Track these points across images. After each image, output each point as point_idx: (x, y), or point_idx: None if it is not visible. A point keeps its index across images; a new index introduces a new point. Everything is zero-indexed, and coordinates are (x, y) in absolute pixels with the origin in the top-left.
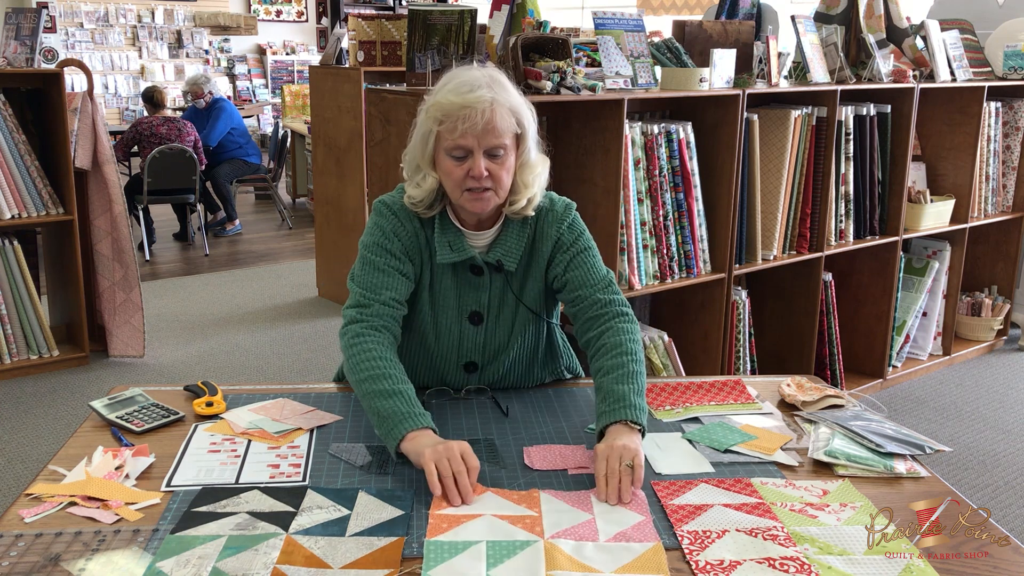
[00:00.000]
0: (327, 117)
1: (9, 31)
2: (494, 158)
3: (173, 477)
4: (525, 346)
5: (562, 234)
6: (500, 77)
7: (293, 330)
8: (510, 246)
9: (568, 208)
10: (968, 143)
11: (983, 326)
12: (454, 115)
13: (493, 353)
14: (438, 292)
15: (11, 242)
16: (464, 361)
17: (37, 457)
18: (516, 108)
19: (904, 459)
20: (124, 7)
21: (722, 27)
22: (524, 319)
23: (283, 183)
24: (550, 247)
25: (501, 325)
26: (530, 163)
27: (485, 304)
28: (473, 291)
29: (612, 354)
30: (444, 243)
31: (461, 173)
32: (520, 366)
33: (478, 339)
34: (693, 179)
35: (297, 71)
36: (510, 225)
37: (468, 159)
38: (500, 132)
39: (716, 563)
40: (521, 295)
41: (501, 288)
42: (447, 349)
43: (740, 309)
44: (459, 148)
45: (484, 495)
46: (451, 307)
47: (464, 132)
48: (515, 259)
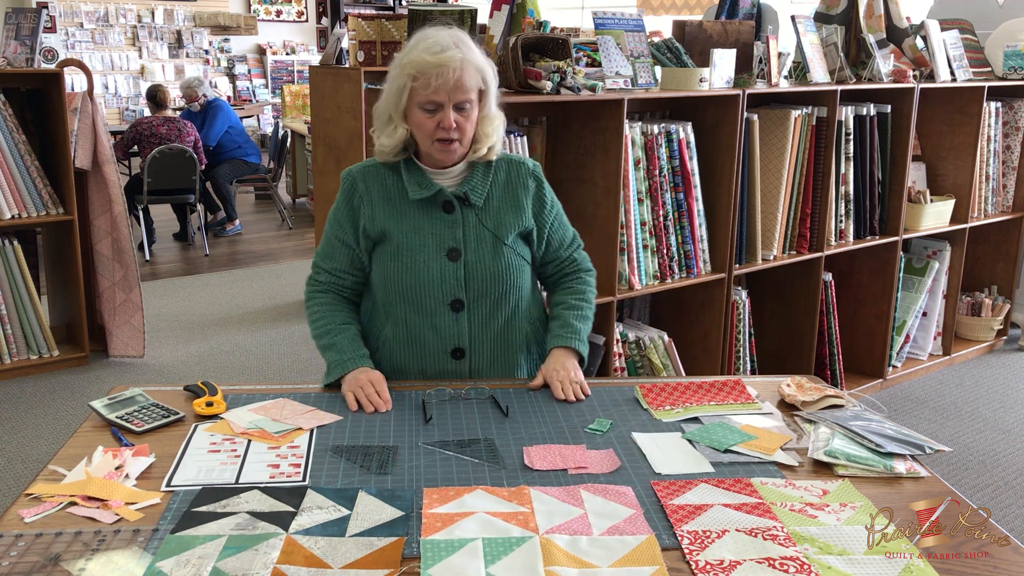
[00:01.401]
0: (327, 117)
1: (9, 31)
2: (461, 111)
3: (173, 477)
4: (508, 299)
5: (543, 190)
6: (466, 38)
7: (293, 330)
8: (475, 183)
9: (537, 165)
10: (968, 143)
11: (983, 326)
12: (428, 72)
13: (476, 294)
14: (411, 230)
15: (11, 242)
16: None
17: (37, 457)
18: (481, 67)
19: (904, 459)
20: (124, 7)
21: (722, 27)
22: (503, 258)
23: (283, 183)
24: (529, 198)
25: (481, 261)
26: (490, 115)
27: (461, 239)
28: (448, 228)
29: (576, 297)
30: (413, 182)
31: (432, 125)
32: (507, 336)
33: (459, 273)
34: (693, 179)
35: (297, 71)
36: (475, 167)
37: (439, 112)
38: (468, 88)
39: (716, 563)
40: (496, 231)
41: (475, 225)
42: (430, 286)
43: (740, 309)
44: (431, 103)
45: (474, 492)
46: (428, 244)
47: (437, 88)
48: (481, 194)
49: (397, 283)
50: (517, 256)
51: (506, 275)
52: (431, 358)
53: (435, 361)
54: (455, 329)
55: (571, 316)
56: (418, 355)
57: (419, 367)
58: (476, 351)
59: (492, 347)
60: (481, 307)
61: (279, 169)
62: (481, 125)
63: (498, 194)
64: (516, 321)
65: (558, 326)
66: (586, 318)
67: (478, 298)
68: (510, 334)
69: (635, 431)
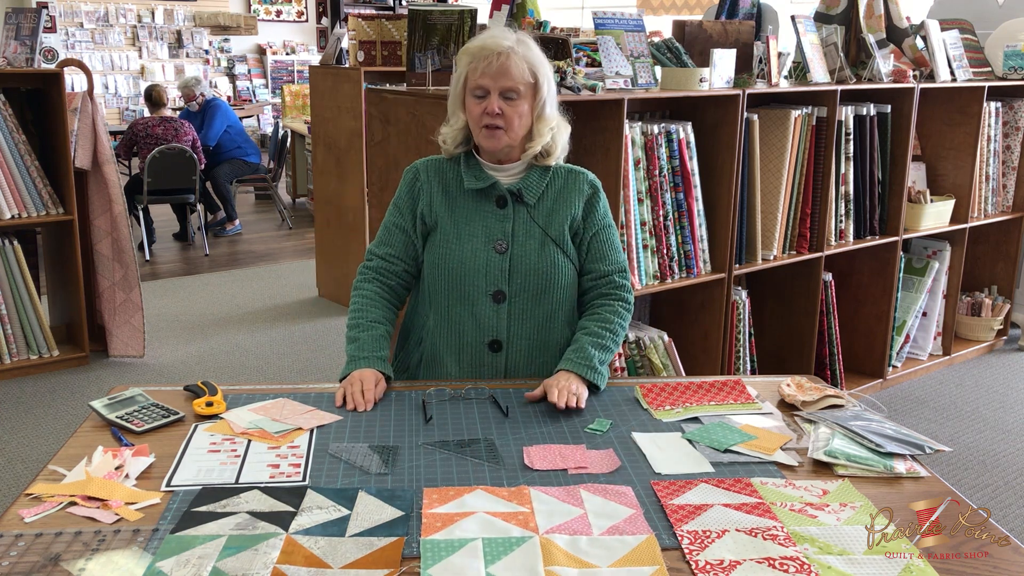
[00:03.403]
0: (327, 117)
1: (9, 31)
2: (508, 100)
3: (173, 477)
4: (550, 296)
5: (597, 197)
6: (528, 39)
7: (293, 330)
8: (531, 182)
9: (596, 179)
10: (968, 143)
11: (983, 326)
12: (477, 56)
13: (519, 287)
14: (463, 221)
15: (11, 242)
16: (492, 290)
17: (37, 457)
18: (534, 63)
19: (904, 459)
20: (124, 7)
21: (722, 27)
22: (549, 255)
23: (283, 183)
24: (583, 201)
25: (527, 255)
26: (545, 116)
27: (509, 233)
28: (498, 222)
29: (601, 324)
30: (470, 174)
31: (479, 110)
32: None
33: (504, 265)
34: (693, 179)
35: (297, 71)
36: (533, 168)
37: (486, 99)
38: (513, 77)
39: (716, 563)
40: (545, 228)
41: (526, 221)
42: (474, 275)
43: (740, 309)
44: (479, 88)
45: (474, 492)
46: (477, 235)
47: (483, 72)
48: (535, 194)
49: (443, 269)
50: (563, 256)
51: (550, 271)
52: (469, 349)
53: (473, 352)
54: (495, 320)
55: (588, 342)
56: (456, 345)
57: (456, 357)
58: (513, 345)
59: (530, 343)
60: (522, 300)
61: (279, 169)
62: (535, 123)
63: (552, 196)
64: (556, 322)
65: (573, 351)
66: (606, 348)
67: (520, 291)
68: (549, 333)
69: (635, 431)
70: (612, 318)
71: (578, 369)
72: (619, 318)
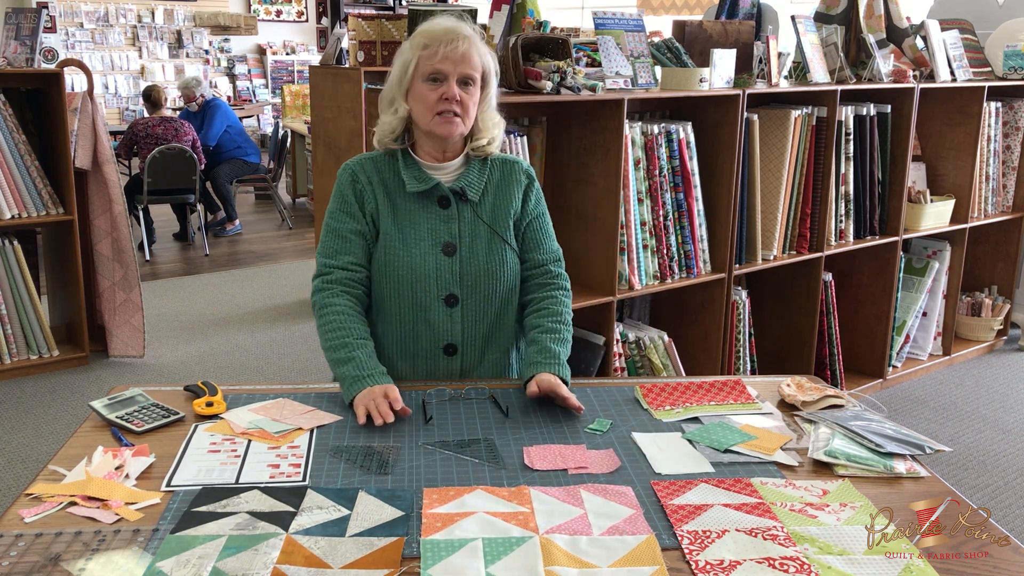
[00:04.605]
0: (327, 117)
1: (9, 31)
2: (465, 86)
3: (173, 477)
4: (501, 295)
5: (532, 187)
6: (476, 30)
7: (293, 330)
8: (472, 179)
9: (531, 168)
10: (968, 143)
11: (983, 326)
12: (438, 39)
13: (470, 289)
14: (407, 224)
15: (11, 242)
16: (444, 294)
17: (37, 457)
18: (485, 56)
19: (904, 459)
20: (124, 7)
21: (722, 27)
22: (498, 254)
23: (283, 183)
24: (520, 192)
25: (475, 255)
26: (491, 109)
27: (456, 234)
28: (443, 223)
29: (554, 319)
30: (410, 176)
31: (435, 97)
32: (499, 333)
33: (454, 268)
34: (693, 179)
35: (297, 71)
36: (472, 162)
37: (443, 84)
38: (474, 64)
39: (716, 563)
40: (492, 225)
41: (471, 219)
42: (425, 280)
43: (740, 309)
44: (437, 72)
45: (474, 492)
46: (423, 239)
47: (444, 56)
48: (477, 190)
49: (392, 276)
50: (511, 250)
51: (499, 270)
52: (423, 354)
53: (427, 358)
54: (448, 324)
55: (549, 340)
56: (411, 351)
57: (411, 363)
58: (468, 347)
59: (484, 344)
60: (474, 302)
61: (279, 169)
62: (482, 115)
63: (492, 190)
64: (506, 317)
65: (536, 351)
66: (565, 341)
67: (472, 293)
68: (502, 331)
69: (635, 431)
70: (560, 310)
71: (554, 370)
72: (564, 308)
